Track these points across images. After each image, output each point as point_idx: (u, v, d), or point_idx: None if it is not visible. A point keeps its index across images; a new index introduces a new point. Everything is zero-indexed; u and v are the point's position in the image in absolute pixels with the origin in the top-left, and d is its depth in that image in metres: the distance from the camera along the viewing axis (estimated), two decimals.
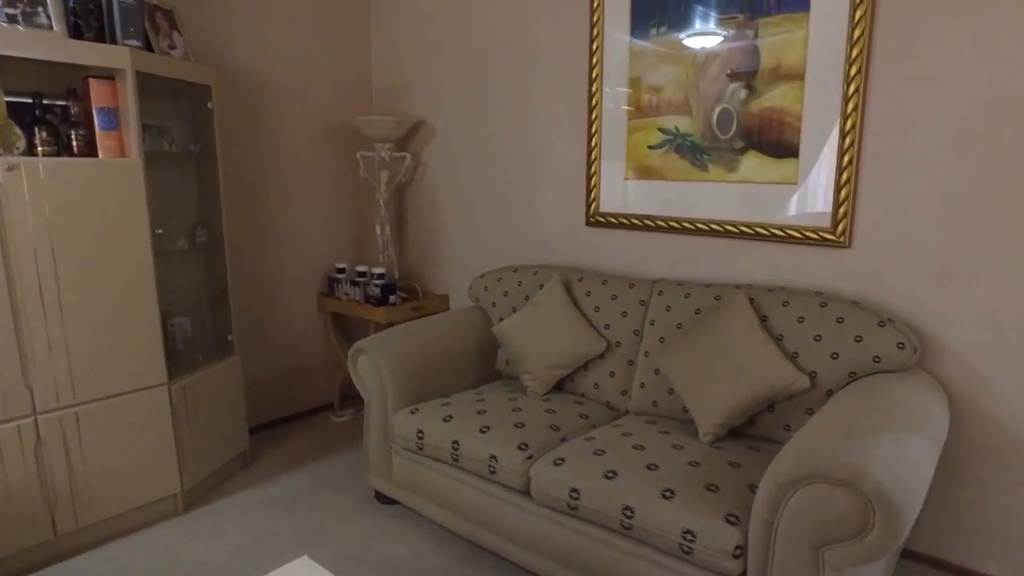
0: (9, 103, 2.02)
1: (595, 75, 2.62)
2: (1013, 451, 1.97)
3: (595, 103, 2.64)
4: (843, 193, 2.09)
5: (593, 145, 2.69)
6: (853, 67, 2.01)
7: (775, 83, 2.17)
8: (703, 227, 2.42)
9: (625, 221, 2.65)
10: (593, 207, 2.74)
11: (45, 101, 2.14)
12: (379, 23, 3.45)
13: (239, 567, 2.14)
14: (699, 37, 2.33)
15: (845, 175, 2.08)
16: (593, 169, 2.71)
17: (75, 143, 2.10)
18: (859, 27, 1.99)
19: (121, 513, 2.29)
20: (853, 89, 2.02)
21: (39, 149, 2.02)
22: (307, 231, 3.32)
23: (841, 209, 2.10)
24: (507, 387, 2.53)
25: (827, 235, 2.14)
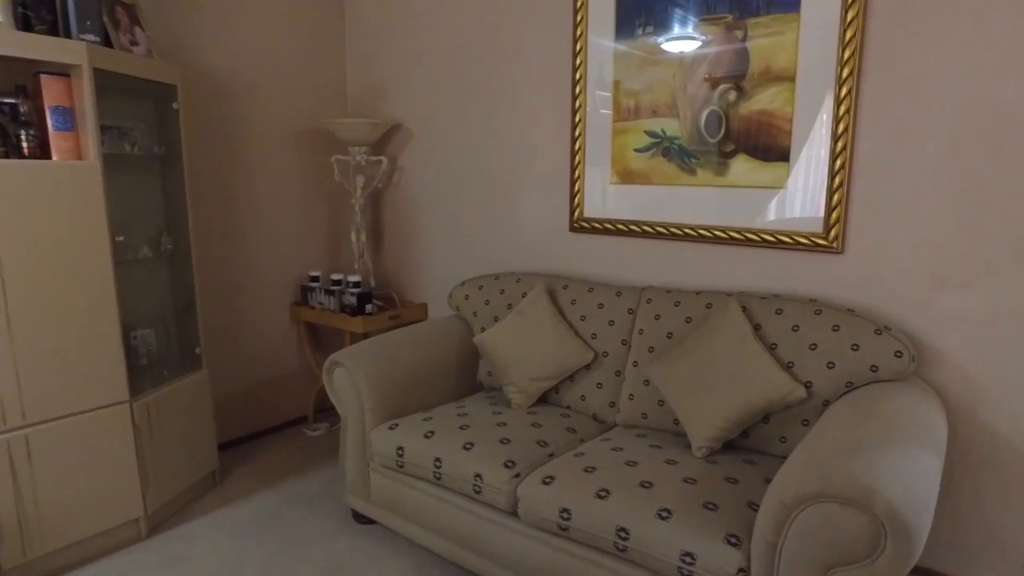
0: None
1: (579, 76, 2.55)
2: (1010, 461, 1.93)
3: (579, 105, 2.57)
4: (835, 198, 2.04)
5: (577, 148, 2.61)
6: (845, 69, 1.96)
7: (765, 85, 2.12)
8: (691, 232, 2.35)
9: (610, 227, 2.57)
10: (577, 212, 2.66)
11: None
12: (354, 22, 3.34)
13: None
14: (686, 38, 2.26)
15: (837, 179, 2.03)
16: (577, 173, 2.63)
17: (25, 144, 1.95)
18: (851, 28, 1.94)
19: (77, 542, 2.14)
20: (845, 91, 1.97)
21: None
22: (279, 238, 3.19)
23: (834, 214, 2.05)
24: (490, 399, 2.43)
25: (819, 241, 2.09)
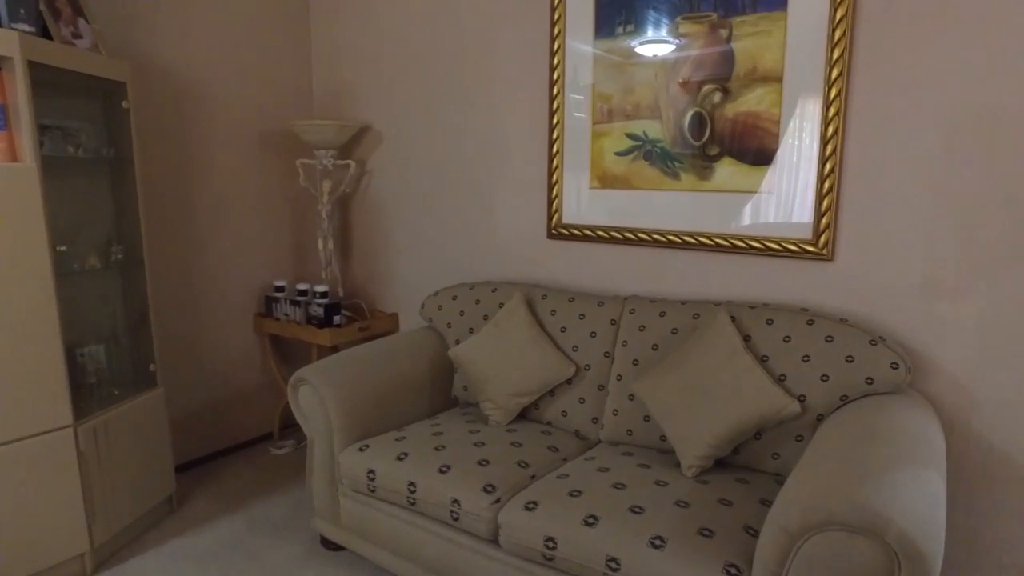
0: None
1: (556, 76, 2.44)
2: (1005, 474, 1.87)
3: (556, 107, 2.47)
4: (825, 203, 1.96)
5: (555, 152, 2.51)
6: (834, 70, 1.89)
7: (751, 86, 2.04)
8: (675, 239, 2.26)
9: (590, 233, 2.47)
10: (555, 218, 2.56)
11: None
12: (321, 19, 3.20)
13: None
14: (669, 37, 2.18)
15: (827, 184, 1.95)
16: (555, 178, 2.53)
17: None
18: (840, 27, 1.87)
19: None
20: (835, 93, 1.90)
21: None
22: (241, 246, 3.03)
23: (823, 220, 1.98)
24: (466, 416, 2.31)
25: (809, 247, 2.01)
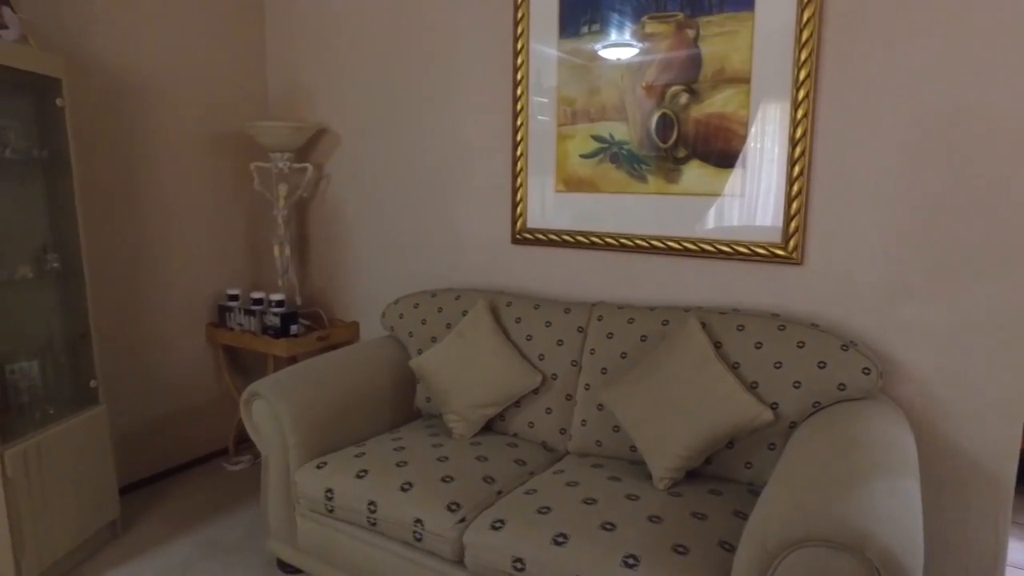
0: None
1: (520, 77, 2.38)
2: (972, 478, 1.86)
3: (520, 108, 2.40)
4: (794, 206, 1.93)
5: (519, 154, 2.44)
6: (802, 71, 1.86)
7: (719, 87, 2.00)
8: (643, 243, 2.21)
9: (556, 238, 2.40)
10: (520, 223, 2.49)
11: None
12: (275, 17, 3.08)
13: None
14: (635, 37, 2.13)
15: (796, 187, 1.92)
16: (519, 181, 2.46)
17: None
18: (807, 28, 1.84)
19: None
20: (803, 95, 1.87)
21: None
22: (192, 253, 2.88)
23: (792, 223, 1.94)
24: (429, 429, 2.22)
25: (778, 251, 1.98)
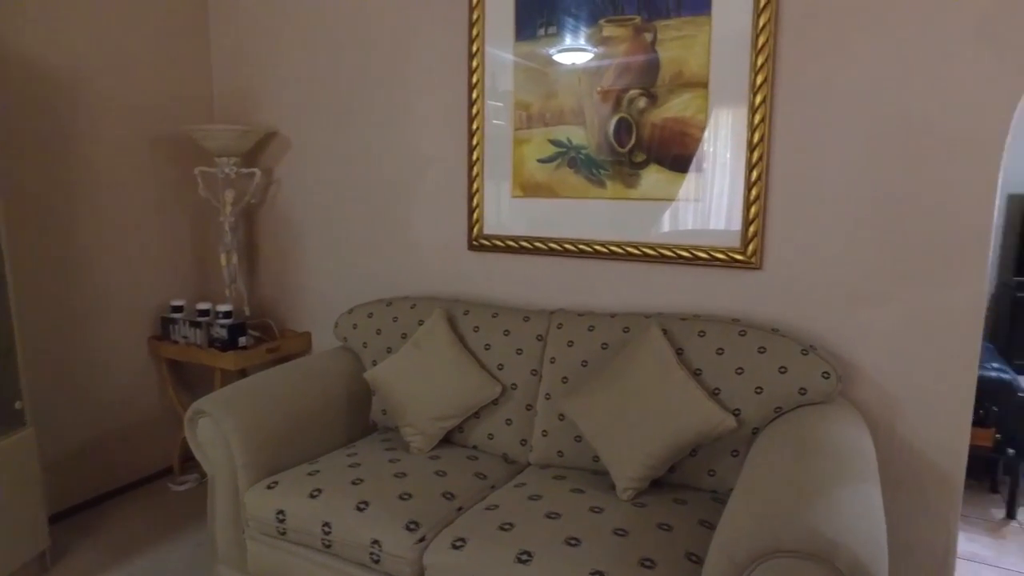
0: None
1: (475, 80, 2.33)
2: (926, 478, 1.89)
3: (476, 112, 2.35)
4: (752, 211, 1.93)
5: (475, 159, 2.39)
6: (759, 76, 1.87)
7: (677, 91, 1.99)
8: (602, 249, 2.19)
9: (513, 244, 2.36)
10: (476, 229, 2.43)
11: None
12: (220, 16, 2.95)
13: None
14: (593, 40, 2.10)
15: (754, 191, 1.92)
16: (475, 186, 2.41)
17: None
18: (764, 33, 1.85)
19: None
20: (760, 99, 1.87)
21: None
22: (131, 262, 2.74)
23: (751, 228, 1.94)
24: (385, 443, 2.14)
25: (737, 256, 1.98)
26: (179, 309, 2.79)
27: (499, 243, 2.39)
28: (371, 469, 1.89)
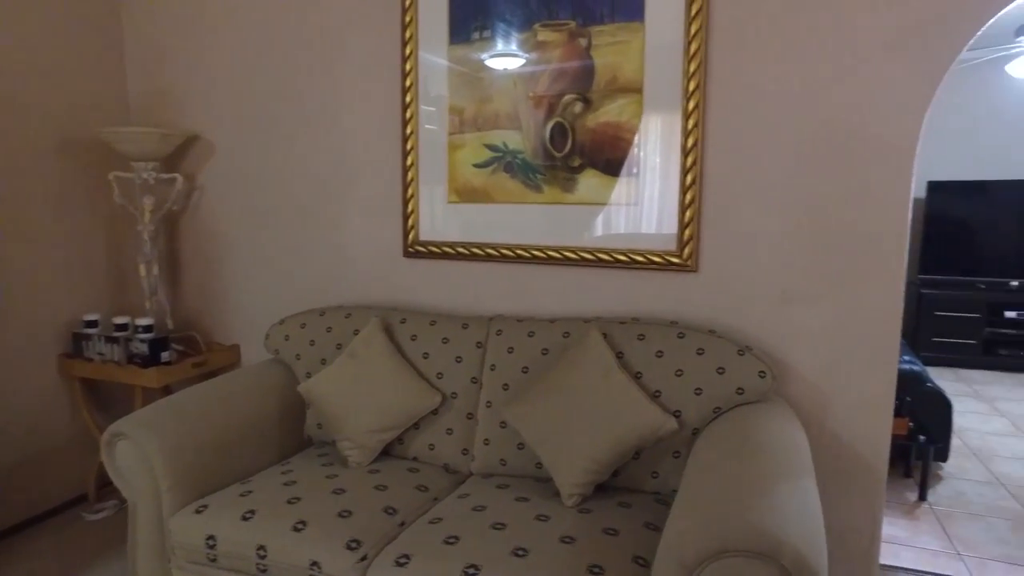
0: None
1: (409, 83, 2.28)
2: (854, 469, 1.96)
3: (410, 116, 2.30)
4: (688, 214, 1.97)
5: (409, 164, 2.34)
6: (692, 82, 1.90)
7: (612, 96, 2.00)
8: (540, 254, 2.18)
9: (450, 250, 2.32)
10: (412, 235, 2.38)
11: None
12: (135, 13, 2.79)
13: None
14: (527, 45, 2.10)
15: (689, 195, 1.96)
16: (410, 192, 2.36)
17: None
18: (696, 40, 1.88)
19: None
20: (693, 105, 1.91)
21: None
22: (38, 275, 2.54)
23: (687, 231, 1.98)
24: (322, 457, 2.06)
25: (674, 259, 2.01)
26: (94, 324, 2.61)
27: (435, 249, 2.34)
28: (307, 486, 1.81)
